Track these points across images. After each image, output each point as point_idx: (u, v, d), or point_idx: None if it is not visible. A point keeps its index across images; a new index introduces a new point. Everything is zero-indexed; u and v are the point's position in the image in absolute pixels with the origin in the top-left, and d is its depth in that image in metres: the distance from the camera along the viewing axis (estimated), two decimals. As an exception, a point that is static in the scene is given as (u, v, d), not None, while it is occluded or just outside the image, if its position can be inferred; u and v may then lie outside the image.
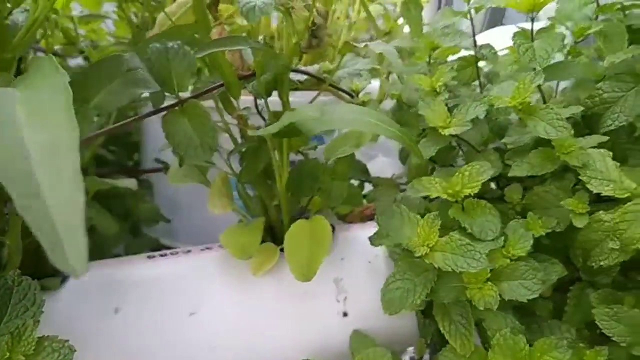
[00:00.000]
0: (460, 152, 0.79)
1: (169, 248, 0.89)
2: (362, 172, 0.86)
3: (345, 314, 0.67)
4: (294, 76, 0.72)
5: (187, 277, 0.63)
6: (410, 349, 0.74)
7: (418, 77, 0.72)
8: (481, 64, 0.82)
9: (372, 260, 0.72)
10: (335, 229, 0.75)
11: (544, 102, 0.67)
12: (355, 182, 0.95)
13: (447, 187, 0.59)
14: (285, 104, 0.63)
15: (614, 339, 0.51)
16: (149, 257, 0.65)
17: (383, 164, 1.11)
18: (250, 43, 0.51)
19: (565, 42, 0.82)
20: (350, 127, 0.48)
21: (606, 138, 0.57)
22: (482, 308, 0.52)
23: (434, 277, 0.55)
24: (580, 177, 0.54)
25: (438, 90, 0.71)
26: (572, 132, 0.56)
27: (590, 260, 0.55)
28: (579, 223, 0.54)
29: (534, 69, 0.59)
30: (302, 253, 0.57)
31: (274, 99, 0.65)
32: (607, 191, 0.52)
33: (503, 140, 0.64)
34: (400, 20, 1.09)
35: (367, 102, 0.74)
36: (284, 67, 0.59)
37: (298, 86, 0.69)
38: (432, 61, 0.76)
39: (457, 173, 0.61)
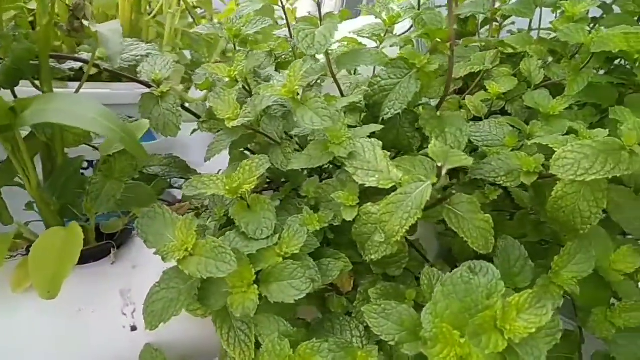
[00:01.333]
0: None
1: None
2: (182, 170, 0.80)
3: (134, 328, 0.61)
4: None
5: None
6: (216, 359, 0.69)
7: (215, 66, 0.67)
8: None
9: (173, 266, 0.66)
10: (132, 234, 0.68)
11: (341, 93, 0.64)
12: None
13: (227, 183, 0.55)
14: (46, 93, 0.55)
15: (381, 337, 0.49)
16: None
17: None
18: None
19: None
20: (63, 120, 0.41)
21: (380, 127, 0.55)
22: (238, 315, 0.47)
23: (198, 284, 0.50)
24: (347, 169, 0.51)
25: (238, 79, 0.66)
26: (345, 121, 0.54)
27: (364, 254, 0.53)
28: (348, 216, 0.52)
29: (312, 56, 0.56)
30: (48, 266, 0.49)
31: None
32: (371, 182, 0.50)
33: (291, 133, 0.60)
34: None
35: (165, 93, 0.67)
36: (26, 51, 0.51)
37: (68, 75, 0.61)
38: (237, 48, 0.71)
39: (239, 168, 0.56)
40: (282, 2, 0.75)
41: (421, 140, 0.61)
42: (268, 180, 0.79)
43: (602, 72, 0.86)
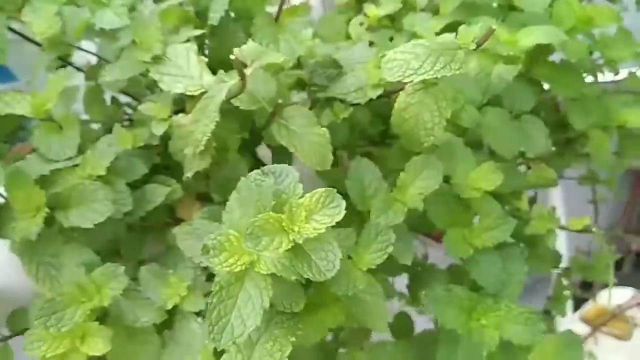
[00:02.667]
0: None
1: None
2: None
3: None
4: None
5: None
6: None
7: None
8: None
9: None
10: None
11: None
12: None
13: (31, 101, 0.48)
14: None
15: (193, 259, 0.45)
16: None
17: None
18: None
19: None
20: None
21: (200, 31, 0.49)
22: (17, 240, 0.42)
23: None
24: (151, 75, 0.45)
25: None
26: (160, 27, 0.48)
27: (185, 172, 0.48)
28: (158, 130, 0.46)
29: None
30: None
31: None
32: (178, 89, 0.45)
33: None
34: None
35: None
36: None
37: None
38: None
39: (47, 84, 0.50)
40: None
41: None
42: (126, 117, 0.73)
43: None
